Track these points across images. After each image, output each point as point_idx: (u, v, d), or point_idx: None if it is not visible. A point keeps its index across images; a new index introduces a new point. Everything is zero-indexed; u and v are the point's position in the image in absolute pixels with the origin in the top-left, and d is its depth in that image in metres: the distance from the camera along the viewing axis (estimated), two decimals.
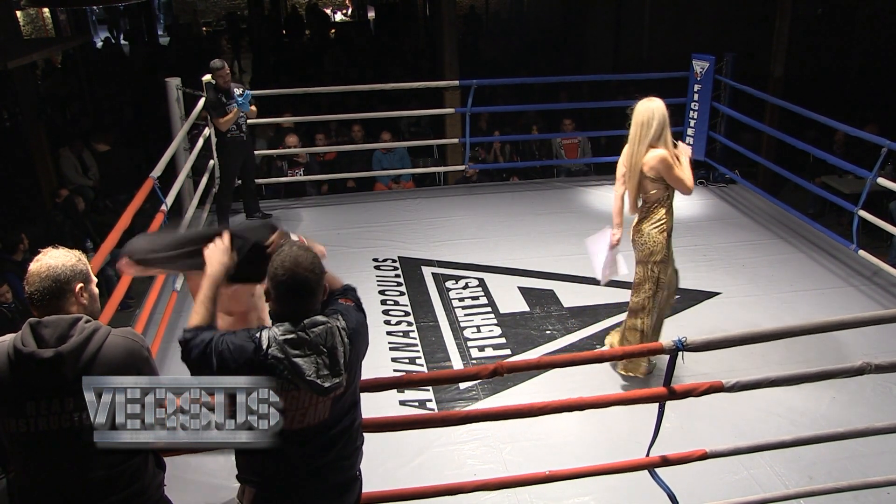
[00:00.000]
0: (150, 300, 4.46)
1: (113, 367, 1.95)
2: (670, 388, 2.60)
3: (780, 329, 2.78)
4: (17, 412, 1.91)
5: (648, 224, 3.83)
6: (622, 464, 2.84)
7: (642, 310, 3.91)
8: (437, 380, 3.84)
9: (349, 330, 2.07)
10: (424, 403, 3.94)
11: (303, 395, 2.00)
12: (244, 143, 6.16)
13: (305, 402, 2.02)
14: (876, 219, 5.37)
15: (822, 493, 2.98)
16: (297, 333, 1.96)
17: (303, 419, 2.03)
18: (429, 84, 7.62)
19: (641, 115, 3.71)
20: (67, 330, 1.92)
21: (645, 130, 3.68)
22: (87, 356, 1.92)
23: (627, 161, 3.80)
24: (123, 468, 1.99)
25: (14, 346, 1.91)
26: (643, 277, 3.90)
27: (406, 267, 5.58)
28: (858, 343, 4.29)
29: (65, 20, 14.52)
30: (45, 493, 1.97)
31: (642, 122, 3.70)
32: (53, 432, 1.92)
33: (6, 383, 1.91)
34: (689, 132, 7.20)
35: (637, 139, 3.72)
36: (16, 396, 1.91)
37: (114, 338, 1.98)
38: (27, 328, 1.93)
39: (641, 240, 3.86)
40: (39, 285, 1.95)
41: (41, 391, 1.91)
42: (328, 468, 2.13)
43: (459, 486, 2.75)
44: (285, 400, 1.99)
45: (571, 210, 6.66)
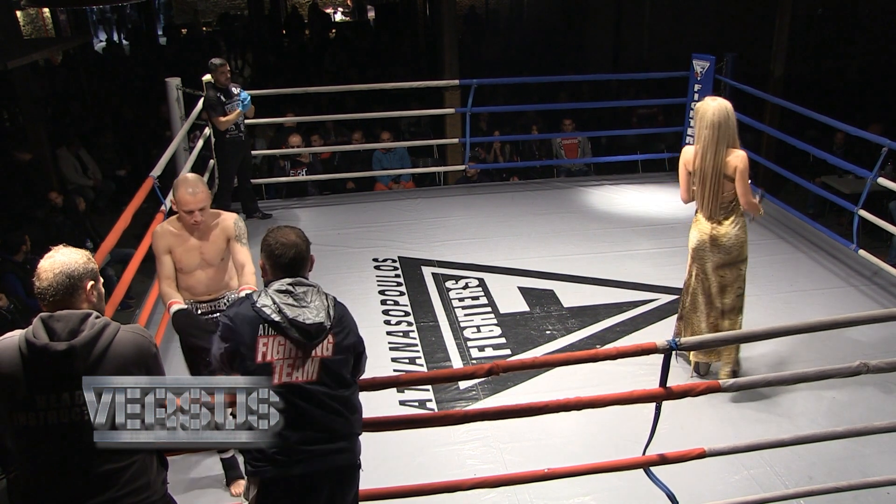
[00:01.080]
0: (150, 300, 4.47)
1: (123, 361, 1.98)
2: (668, 388, 2.60)
3: (774, 328, 2.79)
4: (28, 406, 1.93)
5: (730, 225, 3.73)
6: (620, 462, 2.85)
7: (736, 310, 3.87)
8: (435, 379, 3.84)
9: (336, 301, 2.33)
10: (424, 403, 3.94)
11: (290, 346, 2.18)
12: (242, 143, 6.16)
13: (293, 353, 2.18)
14: (876, 219, 5.37)
15: (822, 493, 2.98)
16: (287, 287, 2.24)
17: (290, 372, 2.17)
18: (429, 84, 7.63)
19: (716, 115, 3.62)
20: (79, 325, 1.95)
21: (724, 131, 3.61)
22: (99, 350, 1.95)
23: (702, 164, 3.68)
24: (129, 462, 2.01)
25: (26, 339, 1.93)
26: (733, 278, 3.82)
27: (406, 267, 5.58)
28: (858, 343, 4.29)
29: (65, 20, 14.53)
30: (50, 487, 1.98)
31: (719, 123, 3.61)
32: (63, 425, 1.94)
33: (17, 377, 1.93)
34: (689, 132, 7.20)
35: (715, 141, 3.62)
36: (26, 390, 1.93)
37: (124, 333, 2.01)
38: (39, 322, 1.95)
39: (728, 243, 3.74)
40: (52, 281, 1.99)
41: (52, 384, 1.93)
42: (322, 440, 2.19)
43: (458, 484, 2.75)
44: (274, 347, 2.17)
45: (571, 210, 6.66)
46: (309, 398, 2.17)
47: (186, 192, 3.09)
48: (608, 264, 5.52)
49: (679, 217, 6.48)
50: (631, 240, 5.98)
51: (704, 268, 3.86)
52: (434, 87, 7.73)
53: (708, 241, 3.78)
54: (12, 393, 1.94)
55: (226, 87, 5.90)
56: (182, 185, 3.12)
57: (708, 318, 3.92)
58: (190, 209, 3.10)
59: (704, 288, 3.89)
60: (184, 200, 3.09)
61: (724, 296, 3.86)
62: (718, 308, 3.88)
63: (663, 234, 6.09)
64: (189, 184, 3.13)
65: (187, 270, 3.22)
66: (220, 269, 3.27)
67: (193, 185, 3.12)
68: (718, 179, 3.66)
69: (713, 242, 3.77)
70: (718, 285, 3.85)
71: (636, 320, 4.76)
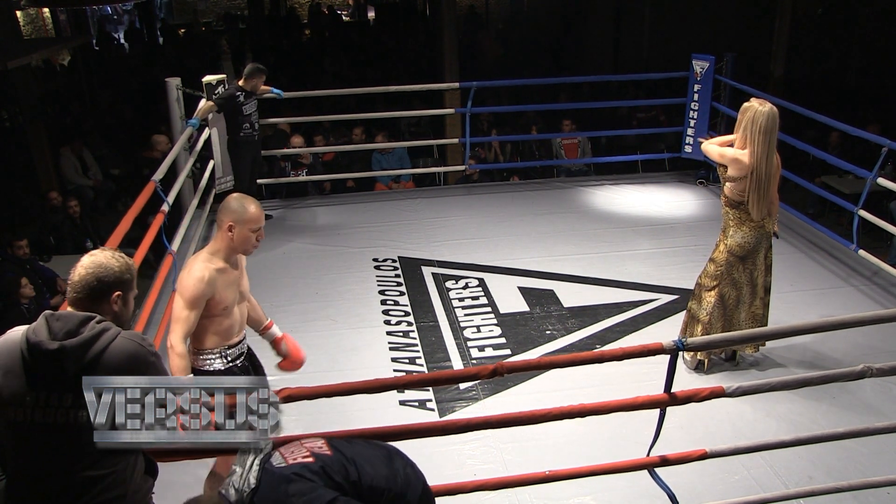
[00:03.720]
0: (150, 300, 4.46)
1: (115, 368, 1.96)
2: (672, 393, 2.59)
3: (779, 329, 2.78)
4: (19, 401, 1.93)
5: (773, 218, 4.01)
6: (622, 463, 2.84)
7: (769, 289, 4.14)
8: (437, 380, 3.83)
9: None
10: (424, 403, 3.94)
11: None
12: (255, 142, 6.18)
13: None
14: (876, 219, 5.37)
15: (822, 493, 2.98)
16: None
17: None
18: (429, 87, 7.63)
19: (772, 121, 3.73)
20: (77, 326, 1.94)
21: (775, 136, 3.76)
22: (92, 355, 1.94)
23: (764, 168, 3.77)
24: (110, 471, 1.99)
25: (26, 335, 1.94)
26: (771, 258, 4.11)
27: (406, 267, 5.58)
28: (858, 343, 4.29)
29: (65, 20, 14.52)
30: (29, 485, 1.98)
31: (772, 129, 3.72)
32: (48, 426, 1.93)
33: (15, 372, 1.94)
34: (689, 132, 7.20)
35: (771, 146, 3.76)
36: (20, 385, 1.93)
37: (121, 340, 1.99)
38: (42, 319, 1.96)
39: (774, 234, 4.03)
40: (83, 279, 2.00)
41: (42, 383, 1.93)
42: None
43: (459, 487, 2.74)
44: None
45: (571, 210, 6.66)
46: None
47: (255, 207, 2.75)
48: (608, 264, 5.52)
49: (679, 217, 6.49)
50: (631, 240, 5.98)
51: (756, 260, 3.99)
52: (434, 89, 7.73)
53: (764, 237, 3.95)
54: (8, 387, 1.94)
55: (254, 92, 5.99)
56: (245, 201, 2.77)
57: (749, 308, 4.06)
58: (260, 225, 2.78)
59: (752, 278, 4.02)
60: (256, 217, 2.74)
61: (767, 274, 4.06)
62: (759, 293, 4.05)
63: (663, 234, 6.09)
64: (250, 199, 2.79)
65: (225, 311, 2.81)
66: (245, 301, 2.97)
67: (254, 200, 2.79)
68: (770, 181, 3.82)
69: (766, 237, 3.98)
70: (765, 266, 4.04)
71: (636, 320, 4.76)
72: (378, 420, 3.44)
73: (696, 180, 7.26)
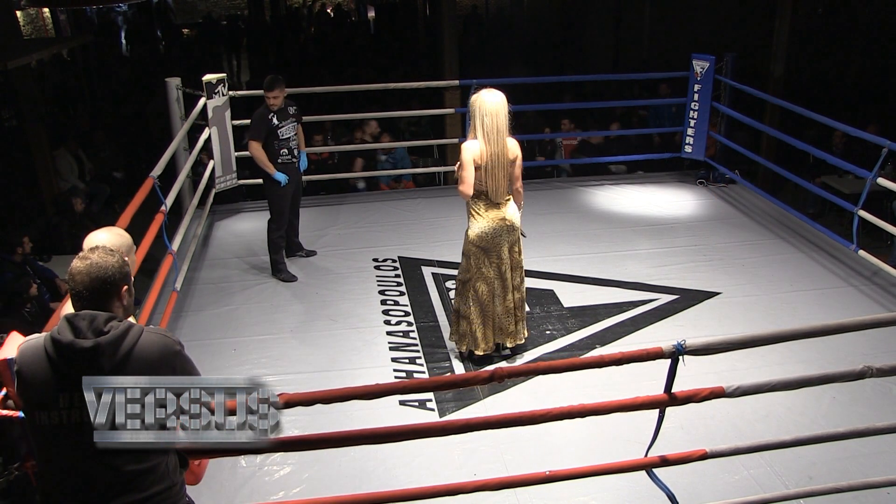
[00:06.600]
0: (150, 300, 4.46)
1: (148, 362, 1.98)
2: (671, 394, 2.59)
3: (781, 332, 2.77)
4: (49, 404, 1.93)
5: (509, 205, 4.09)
6: (622, 464, 2.84)
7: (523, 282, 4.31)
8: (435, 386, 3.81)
9: None
10: (424, 403, 3.94)
11: None
12: (296, 169, 5.33)
13: None
14: (876, 219, 5.36)
15: (822, 493, 2.98)
16: None
17: None
18: (429, 84, 7.62)
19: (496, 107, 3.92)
20: (103, 324, 1.96)
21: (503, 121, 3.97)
22: (124, 350, 1.95)
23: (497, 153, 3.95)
24: (153, 464, 2.01)
25: (52, 337, 1.94)
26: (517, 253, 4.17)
27: (406, 267, 5.58)
28: (858, 343, 4.28)
29: (65, 20, 14.51)
30: (73, 485, 1.98)
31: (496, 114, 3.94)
32: (84, 425, 1.93)
33: (41, 377, 1.94)
34: (689, 132, 7.20)
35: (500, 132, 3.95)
36: (49, 389, 1.93)
37: (148, 335, 2.02)
38: (64, 321, 1.95)
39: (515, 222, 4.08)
40: (88, 286, 1.98)
41: (76, 382, 1.93)
42: None
43: (459, 487, 2.74)
44: None
45: (571, 210, 6.66)
46: None
47: None
48: (608, 264, 5.52)
49: (679, 217, 6.49)
50: (631, 240, 5.98)
51: (501, 254, 4.07)
52: (434, 87, 7.72)
53: (505, 230, 4.03)
54: (34, 392, 1.95)
55: (280, 108, 5.17)
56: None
57: (504, 302, 4.17)
58: None
59: (501, 273, 4.11)
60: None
61: (517, 271, 4.17)
62: (509, 287, 4.15)
63: (663, 234, 6.09)
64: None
65: None
66: None
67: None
68: (505, 165, 3.93)
69: (505, 224, 4.03)
70: (512, 263, 4.13)
71: (636, 320, 4.76)
72: (378, 420, 3.46)
73: (696, 180, 7.27)
